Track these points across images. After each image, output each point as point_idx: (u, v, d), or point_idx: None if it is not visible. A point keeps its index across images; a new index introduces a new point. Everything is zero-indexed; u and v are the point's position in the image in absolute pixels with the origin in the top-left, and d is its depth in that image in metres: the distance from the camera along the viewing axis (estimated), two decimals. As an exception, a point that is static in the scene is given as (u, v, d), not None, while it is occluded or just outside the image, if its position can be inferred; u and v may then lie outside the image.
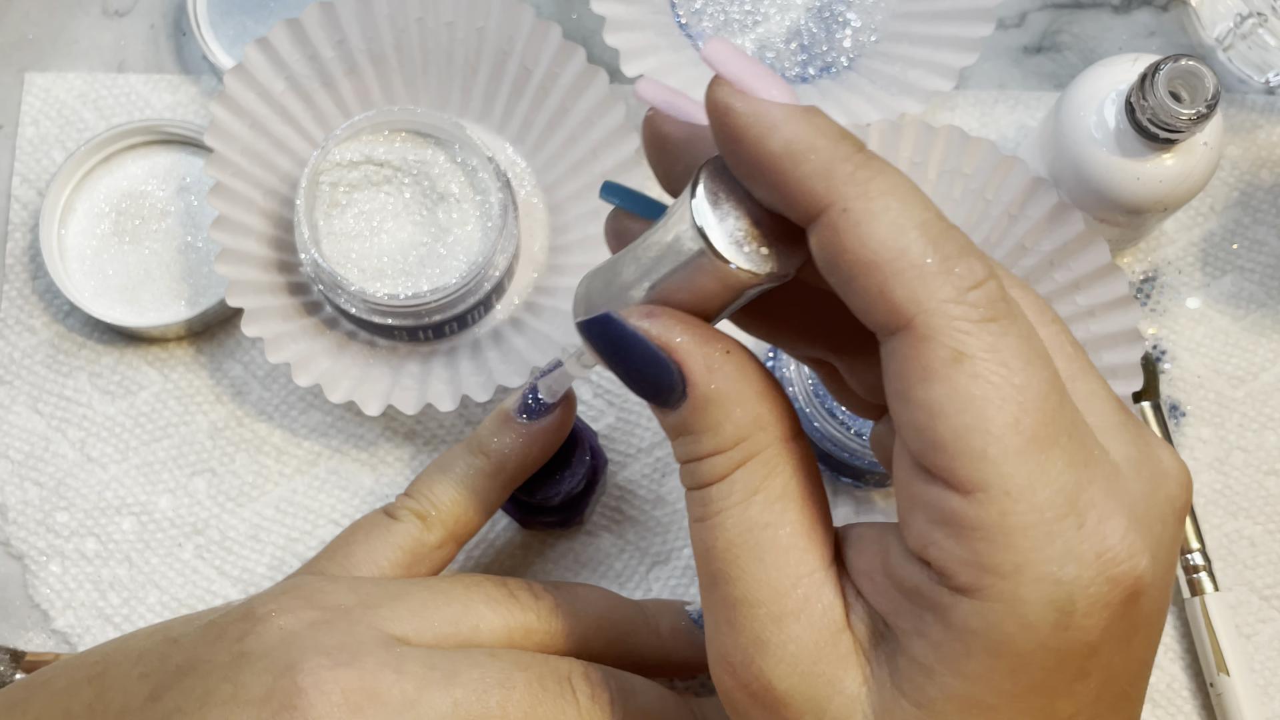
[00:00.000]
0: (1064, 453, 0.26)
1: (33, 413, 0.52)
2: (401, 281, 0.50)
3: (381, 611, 0.36)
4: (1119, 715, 0.29)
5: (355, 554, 0.41)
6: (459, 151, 0.51)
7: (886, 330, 0.27)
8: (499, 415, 0.43)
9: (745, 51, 0.27)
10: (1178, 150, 0.47)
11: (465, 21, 0.51)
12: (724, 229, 0.28)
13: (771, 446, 0.29)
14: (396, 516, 0.42)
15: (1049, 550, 0.26)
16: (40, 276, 0.53)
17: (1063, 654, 0.26)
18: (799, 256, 0.28)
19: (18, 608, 0.51)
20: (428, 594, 0.38)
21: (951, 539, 0.26)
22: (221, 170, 0.49)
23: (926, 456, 0.26)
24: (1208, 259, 0.54)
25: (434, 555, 0.42)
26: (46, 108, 0.55)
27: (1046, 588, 0.26)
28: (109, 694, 0.35)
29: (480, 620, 0.37)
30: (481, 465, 0.42)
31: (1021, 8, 0.57)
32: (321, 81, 0.51)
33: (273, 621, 0.35)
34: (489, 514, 0.43)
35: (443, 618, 0.37)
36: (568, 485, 0.47)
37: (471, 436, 0.43)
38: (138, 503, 0.52)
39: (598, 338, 0.30)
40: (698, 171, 0.28)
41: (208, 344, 0.53)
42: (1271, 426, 0.53)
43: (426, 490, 0.42)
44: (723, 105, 0.27)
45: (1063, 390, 0.27)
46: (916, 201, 0.27)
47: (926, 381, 0.26)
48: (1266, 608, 0.51)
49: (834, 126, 0.27)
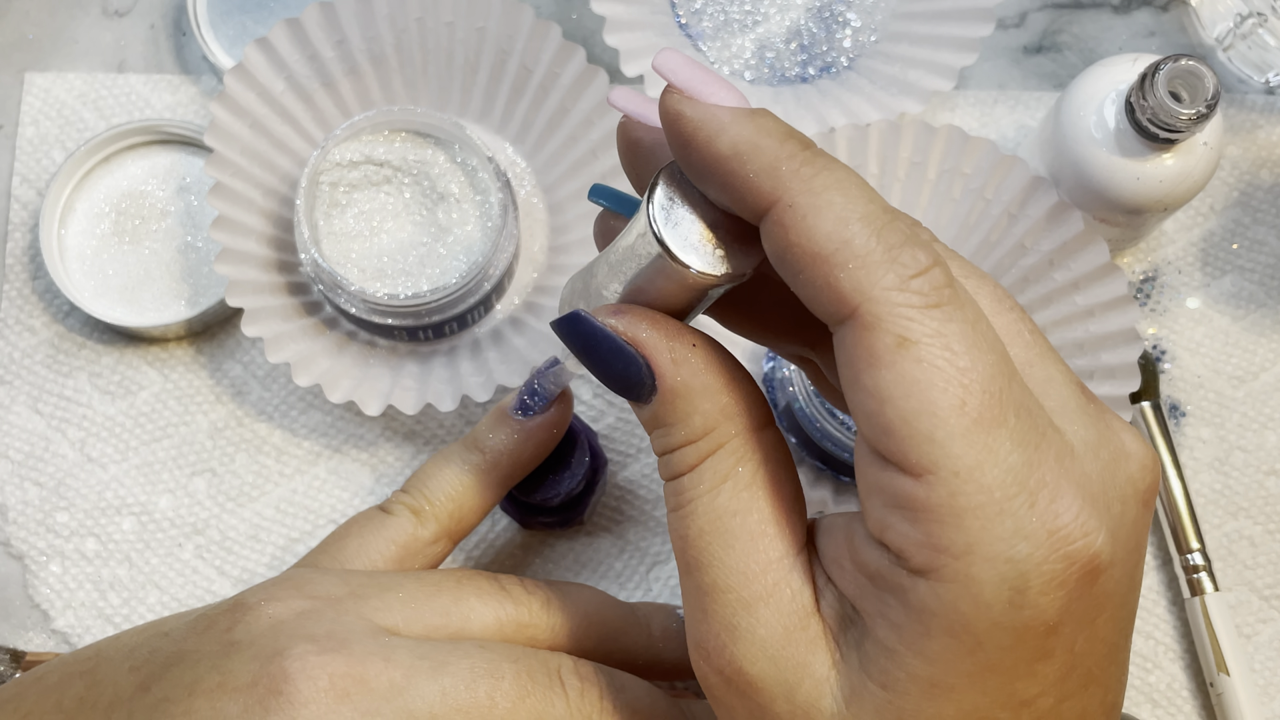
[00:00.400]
0: (1012, 433, 0.27)
1: (33, 413, 0.52)
2: (401, 281, 0.50)
3: (371, 602, 0.37)
4: (1087, 698, 0.29)
5: (348, 548, 0.41)
6: (459, 151, 0.51)
7: (835, 320, 0.28)
8: (496, 413, 0.43)
9: (694, 61, 0.29)
10: (1178, 150, 0.47)
11: (465, 21, 0.51)
12: (679, 233, 0.29)
13: (739, 436, 0.30)
14: (391, 511, 0.42)
15: (999, 529, 0.26)
16: (40, 276, 0.53)
17: (1019, 633, 0.27)
18: (755, 256, 0.29)
19: (18, 608, 0.51)
20: (418, 586, 0.38)
21: (906, 521, 0.27)
22: (221, 170, 0.49)
23: (879, 441, 0.27)
24: (1207, 259, 0.54)
25: (428, 551, 0.42)
26: (46, 108, 0.55)
27: (999, 566, 0.26)
28: (100, 687, 0.36)
29: (471, 612, 0.38)
30: (478, 461, 0.43)
31: (1021, 8, 0.57)
32: (321, 81, 0.51)
33: (261, 610, 0.36)
34: (485, 511, 0.43)
35: (433, 609, 0.37)
36: (567, 486, 0.47)
37: (469, 434, 0.43)
38: (138, 503, 0.52)
39: (569, 335, 0.31)
40: (655, 177, 0.29)
41: (208, 344, 0.53)
42: (1271, 426, 0.53)
43: (421, 486, 0.42)
44: (673, 112, 0.28)
45: (1012, 373, 0.28)
46: (860, 194, 0.27)
47: (873, 368, 0.27)
48: (1266, 608, 0.51)
49: (780, 126, 0.28)
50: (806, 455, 0.49)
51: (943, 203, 0.50)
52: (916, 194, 0.50)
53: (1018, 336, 0.30)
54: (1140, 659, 0.51)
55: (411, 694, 0.34)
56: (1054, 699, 0.28)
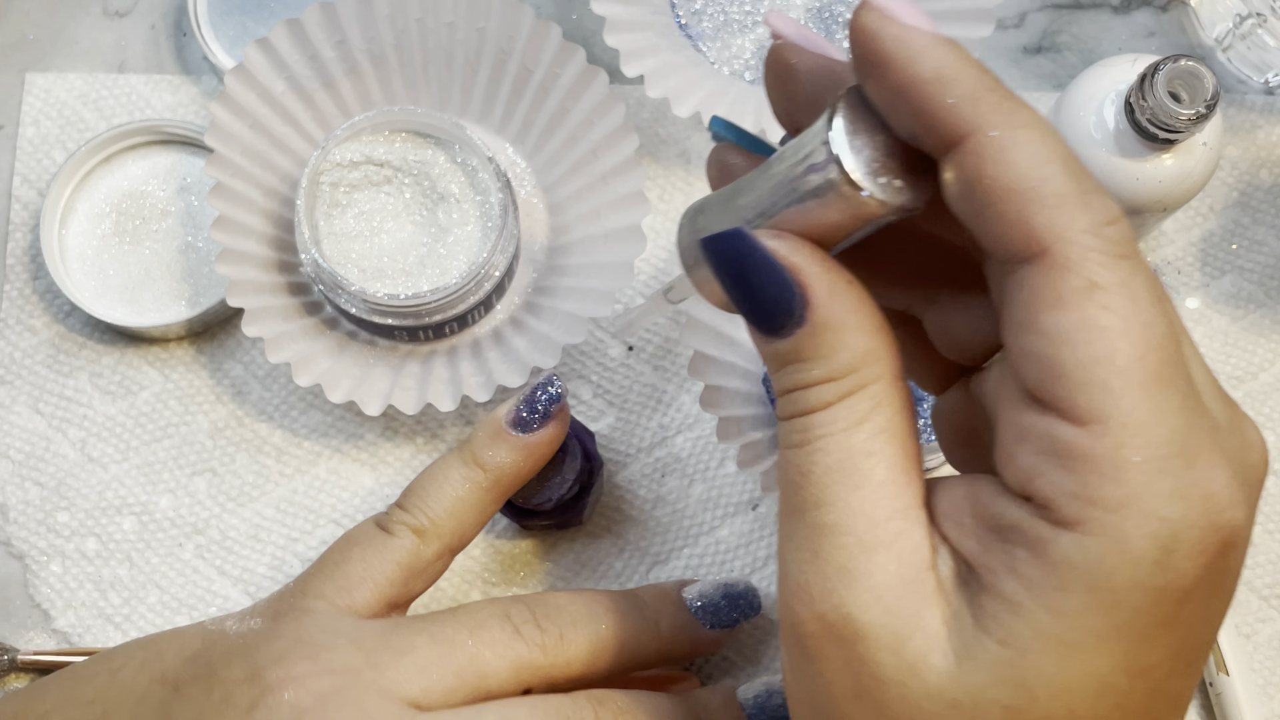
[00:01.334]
0: (1180, 395, 0.26)
1: (33, 413, 0.52)
2: (402, 281, 0.50)
3: (389, 674, 0.36)
4: (1187, 680, 0.29)
5: (352, 574, 0.40)
6: (459, 152, 0.51)
7: (1020, 258, 0.27)
8: (492, 428, 0.43)
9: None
10: (1177, 150, 0.47)
11: (465, 22, 0.51)
12: (860, 159, 0.28)
13: (883, 380, 0.29)
14: (391, 531, 0.41)
15: (1159, 487, 0.26)
16: (41, 277, 0.53)
17: (1158, 595, 0.26)
18: (928, 190, 0.29)
19: (18, 607, 0.51)
20: (432, 648, 0.37)
21: (1060, 470, 0.26)
22: (222, 170, 0.49)
23: (1045, 386, 0.27)
24: (1207, 259, 0.54)
25: (431, 569, 0.42)
26: (47, 108, 0.55)
27: (1152, 524, 0.26)
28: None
29: (487, 667, 0.38)
30: (479, 479, 0.42)
31: (1021, 8, 0.57)
32: (322, 82, 0.51)
33: (281, 694, 0.35)
34: (484, 525, 0.43)
35: (449, 671, 0.37)
36: (559, 491, 0.47)
37: (464, 447, 0.43)
38: (138, 502, 0.52)
39: (724, 253, 0.30)
40: (835, 100, 0.29)
41: (208, 344, 0.53)
42: (1271, 426, 0.53)
43: (421, 504, 0.42)
44: (871, 30, 0.27)
45: (1182, 336, 0.28)
46: (1056, 136, 0.27)
47: (1057, 309, 0.26)
48: (1266, 608, 0.51)
49: (975, 59, 0.28)
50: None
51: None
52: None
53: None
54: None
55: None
56: (1165, 673, 0.28)
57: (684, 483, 0.52)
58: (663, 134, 0.55)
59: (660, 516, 0.52)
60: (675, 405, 0.53)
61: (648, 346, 0.53)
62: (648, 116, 0.55)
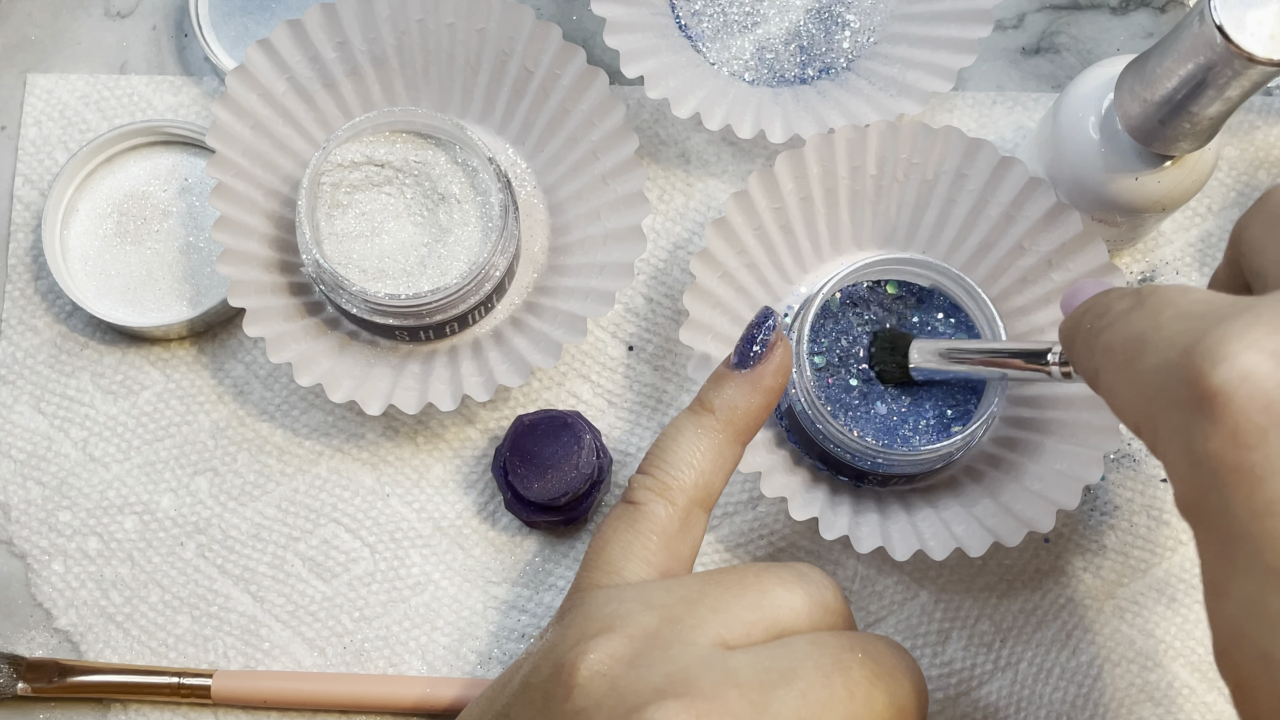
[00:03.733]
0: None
1: (35, 412, 0.52)
2: (402, 282, 0.50)
3: (687, 621, 0.36)
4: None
5: (614, 557, 0.39)
6: (460, 152, 0.51)
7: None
8: (716, 374, 0.42)
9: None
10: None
11: (466, 23, 0.51)
12: None
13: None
14: (636, 500, 0.40)
15: None
16: (43, 277, 0.54)
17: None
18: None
19: (20, 607, 0.51)
20: (720, 589, 0.37)
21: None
22: (223, 171, 0.49)
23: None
24: (1205, 259, 0.54)
25: (686, 527, 0.40)
26: (49, 109, 0.55)
27: None
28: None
29: (780, 602, 0.36)
30: (710, 423, 0.41)
31: (1020, 9, 0.57)
32: (323, 83, 0.51)
33: (590, 666, 0.35)
34: (728, 473, 0.42)
35: (744, 606, 0.36)
36: (573, 484, 0.47)
37: (693, 401, 0.42)
38: (140, 502, 0.52)
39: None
40: None
41: (210, 344, 0.53)
42: (1269, 426, 0.53)
43: (659, 462, 0.41)
44: None
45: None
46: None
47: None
48: (1264, 606, 0.51)
49: None
50: (806, 455, 0.50)
51: (941, 204, 0.50)
52: (916, 195, 0.50)
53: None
54: (1141, 658, 0.51)
55: (776, 707, 0.33)
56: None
57: (684, 482, 0.52)
58: (663, 134, 0.55)
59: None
60: (675, 405, 0.53)
61: (648, 346, 0.53)
62: (648, 117, 0.55)
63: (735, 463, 0.42)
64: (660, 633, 0.35)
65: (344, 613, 0.51)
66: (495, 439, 0.52)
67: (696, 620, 0.35)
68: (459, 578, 0.51)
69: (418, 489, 0.52)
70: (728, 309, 0.50)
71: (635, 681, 0.34)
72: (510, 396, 0.53)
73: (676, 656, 0.34)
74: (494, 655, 0.51)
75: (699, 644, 0.35)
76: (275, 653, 0.51)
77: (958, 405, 0.49)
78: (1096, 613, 0.51)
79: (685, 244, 0.54)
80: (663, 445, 0.41)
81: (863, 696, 0.34)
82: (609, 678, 0.34)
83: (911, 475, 0.48)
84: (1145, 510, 0.52)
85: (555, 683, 0.35)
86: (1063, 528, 0.52)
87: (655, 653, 0.35)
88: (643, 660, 0.34)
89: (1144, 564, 0.52)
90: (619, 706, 0.33)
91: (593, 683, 0.34)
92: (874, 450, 0.47)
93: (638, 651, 0.35)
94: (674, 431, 0.41)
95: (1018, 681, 0.51)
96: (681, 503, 0.40)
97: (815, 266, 0.51)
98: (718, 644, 0.35)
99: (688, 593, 0.37)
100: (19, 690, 0.49)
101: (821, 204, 0.50)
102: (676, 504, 0.40)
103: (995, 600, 0.51)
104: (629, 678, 0.34)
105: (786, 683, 0.33)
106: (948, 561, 0.51)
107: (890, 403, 0.49)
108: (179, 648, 0.51)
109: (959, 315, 0.49)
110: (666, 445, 0.41)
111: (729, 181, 0.55)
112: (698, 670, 0.34)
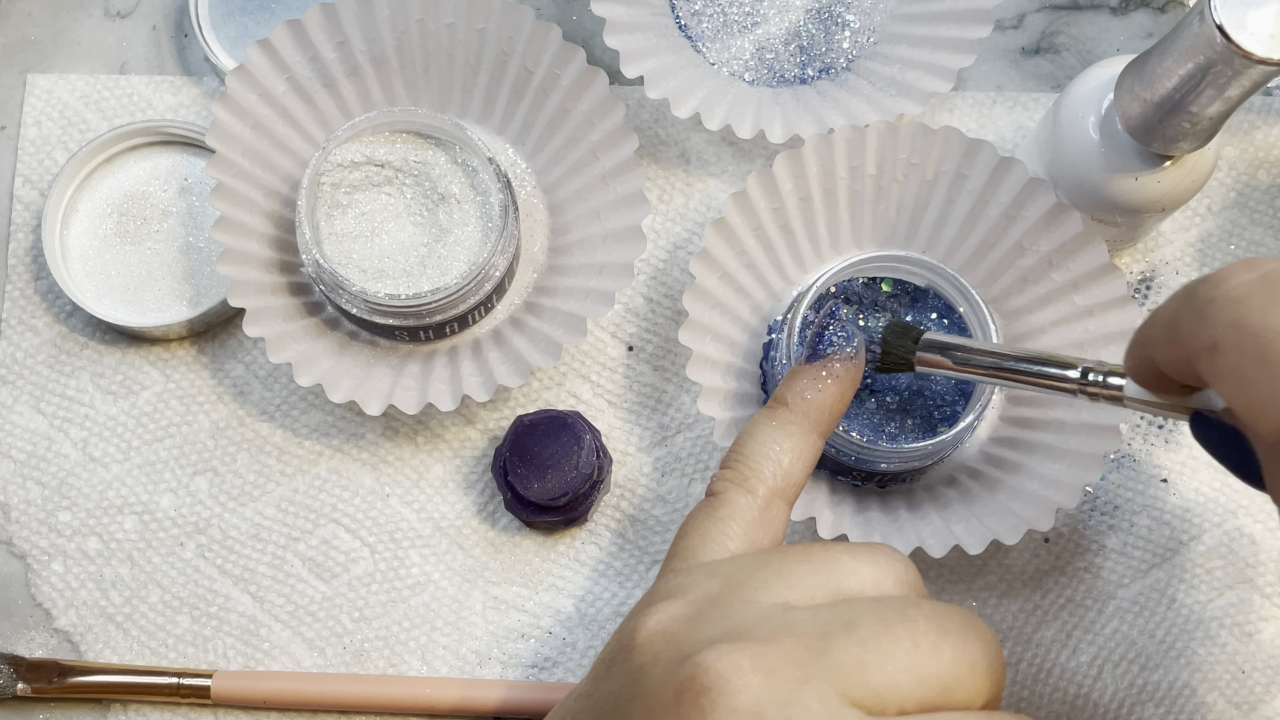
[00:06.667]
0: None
1: (35, 413, 0.52)
2: (402, 282, 0.50)
3: (749, 584, 0.35)
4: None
5: (693, 545, 0.39)
6: (459, 152, 0.51)
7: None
8: (791, 371, 0.43)
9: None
10: (1175, 151, 0.47)
11: (466, 23, 0.51)
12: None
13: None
14: (717, 491, 0.40)
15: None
16: (43, 277, 0.54)
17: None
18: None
19: (20, 607, 0.51)
20: (784, 558, 0.36)
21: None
22: (223, 171, 0.49)
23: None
24: (1205, 259, 0.54)
25: (766, 517, 0.40)
26: (49, 109, 0.55)
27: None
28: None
29: (847, 569, 0.36)
30: (786, 416, 0.41)
31: (1019, 9, 0.57)
32: (323, 83, 0.51)
33: (649, 628, 0.35)
34: (810, 466, 0.42)
35: (809, 570, 0.36)
36: (573, 484, 0.47)
37: (770, 399, 0.43)
38: (140, 502, 0.52)
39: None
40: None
41: (209, 344, 0.53)
42: (1269, 426, 0.53)
43: (739, 456, 0.41)
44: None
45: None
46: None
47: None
48: (1268, 605, 0.51)
49: None
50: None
51: (941, 204, 0.50)
52: (915, 195, 0.50)
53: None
54: (1141, 658, 0.51)
55: (834, 653, 0.32)
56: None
57: (684, 482, 0.52)
58: (663, 135, 0.55)
59: (660, 515, 0.52)
60: (675, 405, 0.53)
61: (648, 346, 0.53)
62: (648, 117, 0.55)
63: (815, 455, 0.42)
64: (722, 595, 0.35)
65: (344, 613, 0.51)
66: (495, 439, 0.52)
67: (759, 583, 0.35)
68: (459, 578, 0.51)
69: (417, 489, 0.52)
70: (727, 309, 0.50)
71: (692, 635, 0.34)
72: (510, 396, 0.53)
73: (736, 613, 0.34)
74: (493, 655, 0.51)
75: (760, 603, 0.35)
76: (275, 653, 0.51)
77: (947, 406, 0.49)
78: (1097, 613, 0.51)
79: (685, 244, 0.54)
80: (739, 440, 0.41)
81: (928, 646, 0.33)
82: (667, 634, 0.34)
83: (906, 475, 0.48)
84: (1145, 510, 0.52)
85: (618, 650, 0.35)
86: (1063, 528, 0.52)
87: (715, 611, 0.35)
88: (702, 618, 0.34)
89: (1144, 564, 0.52)
90: (675, 655, 0.33)
91: (652, 640, 0.34)
92: (857, 445, 0.47)
93: (699, 611, 0.35)
94: (750, 427, 0.42)
95: (1018, 681, 0.51)
96: (761, 492, 0.40)
97: (815, 267, 0.51)
98: (779, 604, 0.35)
99: (752, 561, 0.37)
100: (19, 690, 0.49)
101: (821, 204, 0.50)
102: (755, 493, 0.40)
103: (995, 600, 0.51)
104: (686, 631, 0.34)
105: (846, 631, 0.33)
106: (948, 562, 0.51)
107: (880, 400, 0.49)
108: (179, 648, 0.51)
109: (952, 316, 0.49)
110: (743, 440, 0.41)
111: (729, 181, 0.55)
112: (756, 622, 0.33)
